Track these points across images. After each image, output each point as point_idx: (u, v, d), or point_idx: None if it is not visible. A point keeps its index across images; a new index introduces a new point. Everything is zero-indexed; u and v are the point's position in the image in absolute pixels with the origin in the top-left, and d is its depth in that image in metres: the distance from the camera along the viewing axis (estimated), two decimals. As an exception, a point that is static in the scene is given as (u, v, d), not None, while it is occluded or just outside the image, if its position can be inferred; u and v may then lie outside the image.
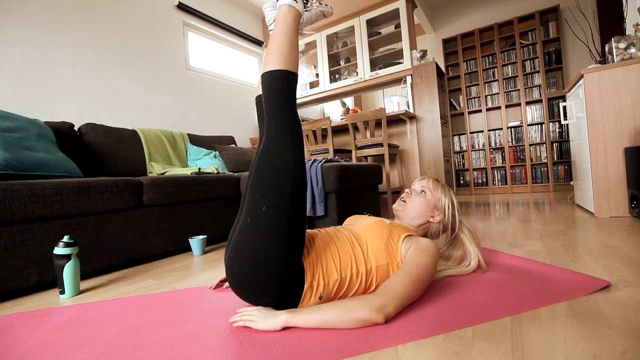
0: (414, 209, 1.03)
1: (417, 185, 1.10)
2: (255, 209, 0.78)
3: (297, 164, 0.81)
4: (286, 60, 0.86)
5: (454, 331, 0.70)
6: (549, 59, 3.81)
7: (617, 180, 1.88)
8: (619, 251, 1.21)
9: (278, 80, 0.84)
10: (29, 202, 1.20)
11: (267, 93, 0.85)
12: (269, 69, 0.85)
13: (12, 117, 1.54)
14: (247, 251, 0.76)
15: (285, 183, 0.78)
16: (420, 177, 1.13)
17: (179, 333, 0.78)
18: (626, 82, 1.84)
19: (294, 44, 0.90)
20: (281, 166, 0.79)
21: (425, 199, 1.04)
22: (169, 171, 2.16)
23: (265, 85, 0.86)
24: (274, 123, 0.83)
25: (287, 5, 0.93)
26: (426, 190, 1.06)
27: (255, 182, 0.81)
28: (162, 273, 1.42)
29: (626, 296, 0.81)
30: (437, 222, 1.05)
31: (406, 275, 0.80)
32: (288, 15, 0.92)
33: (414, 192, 1.07)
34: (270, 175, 0.79)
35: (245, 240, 0.77)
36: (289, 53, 0.87)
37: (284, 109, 0.83)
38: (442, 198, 1.05)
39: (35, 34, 2.16)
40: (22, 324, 0.93)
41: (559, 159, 3.81)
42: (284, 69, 0.85)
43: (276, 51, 0.86)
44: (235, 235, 0.81)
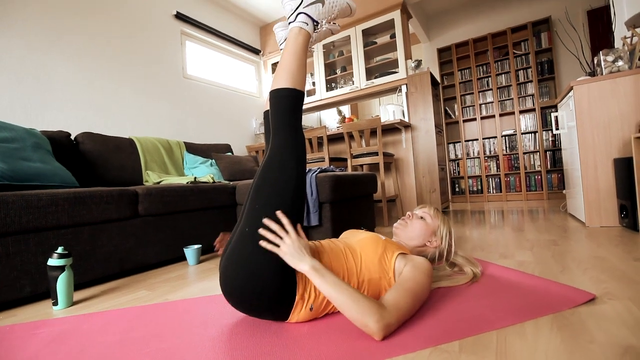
0: (414, 230, 1.06)
1: (418, 210, 1.13)
2: (254, 220, 0.80)
3: (299, 178, 0.84)
4: (294, 79, 0.89)
5: (441, 345, 0.71)
6: (541, 68, 3.88)
7: (607, 191, 1.91)
8: (607, 262, 1.23)
9: (286, 98, 0.88)
10: (24, 213, 1.21)
11: (274, 109, 0.89)
12: (278, 86, 0.89)
13: (9, 128, 1.55)
14: (242, 260, 0.78)
15: (285, 196, 0.81)
16: (422, 205, 1.16)
17: (171, 346, 0.79)
18: (614, 94, 1.89)
19: (303, 64, 0.94)
20: (283, 179, 0.82)
21: (425, 224, 1.07)
22: (164, 180, 2.17)
23: (273, 102, 0.89)
24: (279, 138, 0.86)
25: (297, 28, 0.97)
26: (426, 216, 1.09)
27: (256, 193, 0.84)
28: (156, 283, 1.42)
29: (610, 309, 0.83)
30: (433, 247, 1.08)
31: (410, 294, 0.80)
32: (299, 37, 0.95)
33: (415, 215, 1.10)
34: (271, 187, 0.82)
35: (241, 250, 0.79)
36: (298, 72, 0.91)
37: (290, 125, 0.87)
38: (441, 226, 1.08)
39: (33, 43, 2.18)
40: (16, 336, 0.93)
41: (552, 167, 3.86)
42: (292, 87, 0.89)
43: (285, 70, 0.90)
44: (232, 244, 0.82)
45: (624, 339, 0.68)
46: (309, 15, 0.98)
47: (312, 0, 0.99)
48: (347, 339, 0.75)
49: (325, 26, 1.05)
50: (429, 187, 3.09)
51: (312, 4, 0.99)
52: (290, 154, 0.84)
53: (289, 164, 0.83)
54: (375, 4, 3.42)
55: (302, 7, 0.99)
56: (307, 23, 0.97)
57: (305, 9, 0.98)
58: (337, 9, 1.03)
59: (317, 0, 0.99)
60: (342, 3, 1.04)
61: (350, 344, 0.73)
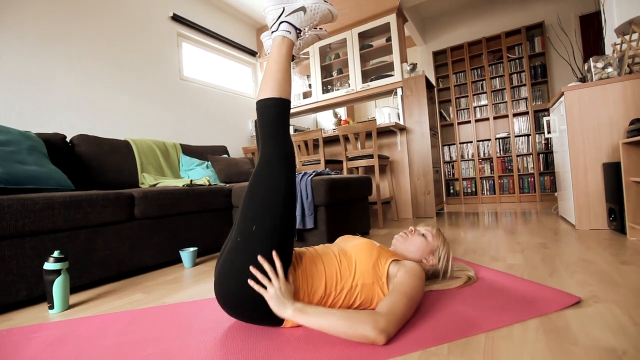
0: (413, 244, 1.07)
1: (421, 228, 1.14)
2: (245, 229, 0.81)
3: (288, 187, 0.85)
4: (280, 88, 0.91)
5: (430, 348, 0.73)
6: (534, 72, 3.94)
7: (596, 194, 1.96)
8: (594, 266, 1.27)
9: (272, 108, 0.89)
10: (20, 217, 1.22)
11: (262, 120, 0.90)
12: (264, 96, 0.90)
13: (4, 131, 1.55)
14: (235, 269, 0.79)
15: (275, 205, 0.82)
16: (426, 224, 1.18)
17: (167, 350, 0.80)
18: (604, 100, 1.93)
19: (287, 72, 0.95)
20: (273, 189, 0.83)
21: (426, 241, 1.08)
22: (160, 182, 2.18)
23: (261, 112, 0.90)
24: (268, 147, 0.87)
25: (280, 37, 0.97)
26: (428, 234, 1.10)
27: (247, 203, 0.85)
28: (152, 286, 1.43)
29: (594, 312, 0.86)
30: (429, 265, 1.08)
31: (405, 297, 0.82)
32: (282, 46, 0.96)
33: (417, 231, 1.11)
34: (262, 197, 0.83)
35: (234, 259, 0.80)
36: (283, 81, 0.92)
37: (278, 134, 0.88)
38: (441, 247, 1.09)
39: (29, 45, 2.17)
40: (12, 340, 0.94)
41: (545, 169, 3.92)
42: (278, 96, 0.90)
43: (271, 80, 0.91)
44: (226, 253, 0.84)
45: (605, 342, 0.71)
46: (291, 23, 0.98)
47: (293, 8, 1.00)
48: (339, 343, 0.77)
49: (309, 33, 1.06)
50: (423, 189, 3.12)
51: (293, 13, 0.99)
52: (279, 163, 0.85)
53: (278, 173, 0.84)
54: (371, 7, 3.45)
55: (283, 16, 0.99)
56: (289, 31, 0.98)
57: (287, 18, 0.99)
58: (319, 16, 1.04)
59: (298, 9, 1.00)
60: (323, 10, 1.04)
61: (343, 348, 0.75)
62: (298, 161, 3.07)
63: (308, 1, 1.02)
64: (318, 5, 1.02)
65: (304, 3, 1.01)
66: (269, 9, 1.01)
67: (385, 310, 0.77)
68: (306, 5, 1.01)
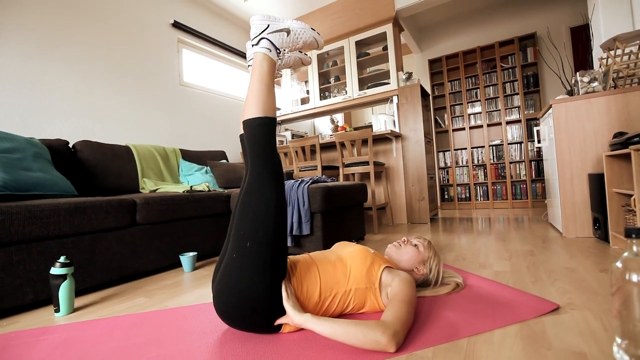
0: (405, 254, 1.13)
1: (413, 239, 1.20)
2: (240, 245, 0.86)
3: (278, 202, 0.89)
4: (264, 106, 0.93)
5: (417, 351, 0.79)
6: (527, 82, 4.04)
7: (582, 203, 2.03)
8: (575, 274, 1.33)
9: (258, 127, 0.92)
10: (27, 223, 1.26)
11: (249, 139, 0.93)
12: (249, 116, 0.93)
13: (10, 138, 1.60)
14: (233, 284, 0.84)
15: (267, 220, 0.86)
16: (418, 236, 1.25)
17: (170, 353, 0.85)
18: (589, 113, 2.01)
19: (270, 90, 0.97)
20: (264, 205, 0.87)
21: (417, 252, 1.14)
22: (160, 187, 2.23)
23: (247, 132, 0.93)
24: (257, 165, 0.91)
25: (262, 54, 0.99)
26: (419, 245, 1.16)
27: (239, 220, 0.89)
28: (153, 290, 1.48)
29: (570, 319, 0.93)
30: (420, 274, 1.15)
31: (406, 304, 0.86)
32: (264, 64, 0.98)
33: (409, 242, 1.17)
34: (253, 213, 0.87)
35: (231, 274, 0.85)
36: (267, 98, 0.95)
37: (265, 152, 0.91)
38: (432, 258, 1.15)
39: (31, 52, 2.22)
40: (21, 342, 0.98)
41: (536, 176, 4.01)
42: (263, 115, 0.93)
43: (254, 99, 0.94)
44: (222, 268, 0.89)
45: (577, 347, 0.78)
46: (271, 41, 1.00)
47: (278, 28, 1.02)
48: (331, 346, 0.83)
49: (290, 55, 1.09)
50: (418, 195, 3.19)
51: (276, 32, 1.02)
52: (268, 181, 0.89)
53: (268, 190, 0.88)
54: (368, 16, 3.53)
55: (266, 32, 1.01)
56: (269, 49, 1.00)
57: (269, 35, 1.01)
58: (302, 41, 1.06)
59: (282, 29, 1.02)
60: (308, 36, 1.06)
61: (333, 351, 0.80)
62: (295, 167, 3.13)
63: (295, 24, 1.05)
64: (304, 31, 1.05)
65: (290, 25, 1.04)
66: (255, 21, 1.03)
67: (391, 319, 0.80)
68: (291, 28, 1.04)
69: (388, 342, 0.74)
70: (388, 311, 0.84)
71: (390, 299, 0.90)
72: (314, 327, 0.82)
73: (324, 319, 0.82)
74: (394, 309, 0.84)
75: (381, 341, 0.74)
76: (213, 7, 3.75)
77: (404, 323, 0.81)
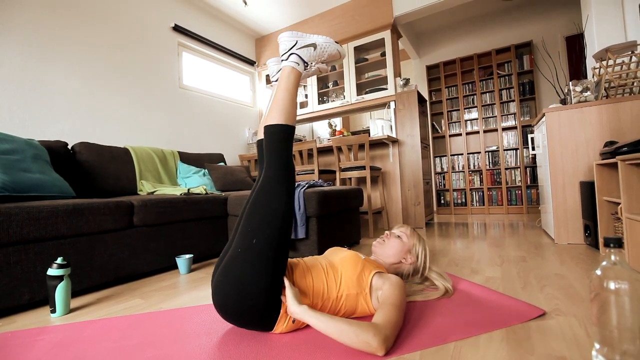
0: (390, 248, 1.17)
1: (396, 230, 1.24)
2: (246, 241, 0.90)
3: (288, 205, 0.94)
4: (287, 115, 1.00)
5: (404, 355, 0.82)
6: (523, 89, 4.09)
7: (574, 210, 2.07)
8: (564, 280, 1.36)
9: (279, 133, 0.98)
10: (25, 225, 1.28)
11: (268, 144, 0.99)
12: (272, 122, 0.99)
13: (10, 140, 1.62)
14: (234, 278, 0.87)
15: (275, 220, 0.91)
16: (400, 225, 1.27)
17: (166, 354, 0.87)
18: (581, 122, 2.05)
19: (294, 100, 1.04)
20: (274, 205, 0.92)
21: (402, 242, 1.18)
22: (158, 190, 2.25)
23: (267, 137, 0.99)
24: (273, 168, 0.96)
25: (290, 67, 1.07)
26: (403, 235, 1.20)
27: (249, 216, 0.93)
28: (149, 292, 1.49)
29: (555, 324, 0.95)
30: (408, 263, 1.18)
31: (396, 308, 0.89)
32: (291, 76, 1.06)
33: (392, 234, 1.21)
34: (263, 212, 0.92)
35: (234, 268, 0.88)
36: (290, 108, 1.02)
37: (283, 156, 0.97)
38: (417, 244, 1.19)
39: (31, 52, 2.24)
40: (17, 342, 1.00)
41: (531, 182, 4.05)
42: (284, 123, 0.99)
43: (279, 107, 1.01)
44: (225, 262, 0.92)
45: (559, 351, 0.80)
46: (300, 56, 1.09)
47: (305, 43, 1.10)
48: (322, 348, 0.85)
49: (315, 66, 1.16)
50: (413, 200, 3.22)
51: (305, 47, 1.10)
52: (280, 185, 0.94)
53: (279, 194, 0.93)
54: (367, 23, 3.58)
55: (295, 48, 1.10)
56: (298, 63, 1.08)
57: (298, 51, 1.09)
58: (327, 54, 1.14)
59: (310, 44, 1.10)
60: (332, 49, 1.14)
61: (323, 353, 0.83)
62: (293, 170, 3.15)
63: (320, 39, 1.13)
64: (328, 45, 1.13)
65: (316, 40, 1.12)
66: (284, 38, 1.12)
67: (383, 323, 0.82)
68: (317, 43, 1.12)
69: (378, 345, 0.77)
70: (379, 314, 0.86)
71: (381, 302, 0.92)
72: (309, 319, 0.84)
73: (320, 313, 0.84)
74: (385, 312, 0.86)
75: (372, 344, 0.77)
76: (213, 11, 3.79)
77: (394, 327, 0.84)
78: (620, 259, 0.69)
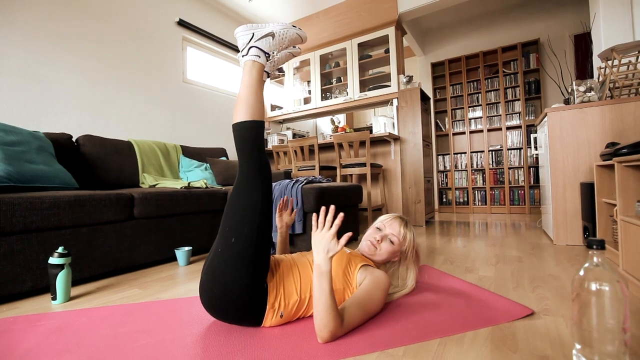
0: (383, 254, 1.16)
1: (388, 231, 1.18)
2: (225, 240, 0.91)
3: (264, 200, 0.94)
4: (253, 111, 0.99)
5: (388, 350, 0.83)
6: (528, 88, 4.04)
7: (573, 212, 2.06)
8: (557, 281, 1.36)
9: (247, 130, 0.97)
10: (28, 215, 1.32)
11: (238, 141, 0.98)
12: (239, 120, 0.98)
13: (16, 131, 1.65)
14: (217, 276, 0.89)
15: (253, 218, 0.91)
16: (392, 219, 1.21)
17: (159, 341, 0.90)
18: (583, 122, 2.03)
19: (259, 95, 1.02)
20: (250, 203, 0.92)
21: (393, 248, 1.16)
22: (160, 183, 2.28)
23: (236, 135, 0.99)
24: (245, 165, 0.96)
25: (251, 61, 1.05)
26: (395, 240, 1.16)
27: (226, 216, 0.94)
28: (147, 282, 1.53)
29: (541, 324, 0.96)
30: (397, 259, 1.20)
31: (360, 307, 0.92)
32: (253, 71, 1.04)
33: (384, 239, 1.16)
34: (240, 210, 0.92)
35: (216, 267, 0.90)
36: (255, 103, 1.00)
37: (253, 153, 0.96)
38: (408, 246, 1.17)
39: (36, 47, 2.28)
40: (19, 327, 1.04)
41: (534, 183, 4.02)
42: (251, 119, 0.98)
43: (244, 103, 0.99)
44: (208, 261, 0.94)
45: (542, 351, 0.81)
46: (260, 48, 1.05)
47: (262, 34, 1.07)
48: (308, 340, 0.87)
49: (279, 55, 1.14)
50: (414, 197, 3.22)
51: (262, 38, 1.06)
52: (254, 182, 0.94)
53: (254, 189, 0.93)
54: (371, 19, 3.56)
55: (253, 41, 1.06)
56: (259, 56, 1.05)
57: (256, 43, 1.06)
58: (287, 40, 1.10)
59: (267, 34, 1.07)
60: (291, 34, 1.10)
61: (308, 345, 0.85)
62: (294, 166, 3.17)
63: (277, 27, 1.09)
64: (286, 31, 1.09)
65: (272, 29, 1.08)
66: (240, 33, 1.08)
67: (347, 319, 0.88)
68: (275, 31, 1.08)
69: (328, 336, 0.84)
70: (350, 306, 0.91)
71: (354, 294, 0.96)
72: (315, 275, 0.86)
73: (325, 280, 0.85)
74: (349, 308, 0.90)
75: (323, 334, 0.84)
76: (218, 6, 3.79)
77: (351, 327, 0.89)
78: (603, 260, 0.70)
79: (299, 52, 1.24)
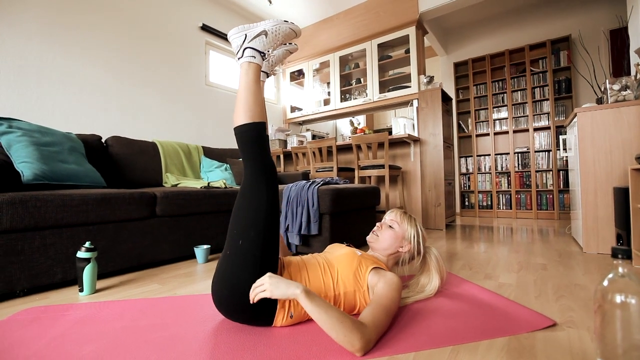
0: (385, 241, 1.16)
1: (387, 218, 1.22)
2: (233, 243, 0.92)
3: (270, 202, 0.94)
4: (253, 112, 0.98)
5: (398, 355, 0.82)
6: (558, 87, 3.84)
7: (605, 218, 1.93)
8: (584, 291, 1.29)
9: (248, 132, 0.97)
10: (59, 211, 1.41)
11: (240, 144, 0.98)
12: (239, 123, 0.98)
13: (50, 133, 1.77)
14: (226, 278, 0.91)
15: (259, 221, 0.92)
16: (390, 210, 1.24)
17: (173, 334, 0.94)
18: (617, 123, 1.91)
19: (258, 96, 1.01)
20: (256, 206, 0.93)
21: (394, 232, 1.16)
22: (181, 183, 2.36)
23: (238, 138, 0.99)
24: (249, 168, 0.97)
25: (247, 63, 1.04)
26: (394, 224, 1.18)
27: (234, 219, 0.95)
28: (166, 278, 1.59)
29: (564, 336, 0.91)
30: (406, 251, 1.17)
31: (384, 309, 0.89)
32: (249, 71, 1.03)
33: (384, 225, 1.19)
34: (246, 214, 0.93)
35: (225, 269, 0.92)
36: (254, 105, 0.99)
37: (256, 155, 0.96)
38: (409, 229, 1.17)
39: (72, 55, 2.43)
40: (48, 316, 1.11)
41: (564, 187, 3.81)
42: (252, 121, 0.97)
43: (243, 106, 0.99)
44: (218, 264, 0.96)
45: (562, 364, 0.77)
46: (254, 48, 1.04)
47: (255, 34, 1.05)
48: (318, 343, 0.87)
49: (275, 52, 1.12)
50: (434, 201, 3.14)
51: (255, 38, 1.05)
52: (259, 184, 0.94)
53: (259, 192, 0.93)
54: (391, 19, 3.52)
55: (246, 42, 1.04)
56: (254, 56, 1.04)
57: (250, 44, 1.04)
58: (281, 36, 1.08)
59: (260, 34, 1.04)
60: (284, 30, 1.08)
61: (317, 345, 0.85)
62: (312, 168, 3.19)
63: (268, 24, 1.07)
64: (278, 27, 1.07)
65: (264, 27, 1.06)
66: (233, 36, 1.07)
67: (370, 325, 0.82)
68: (267, 29, 1.06)
69: (361, 348, 0.78)
70: (367, 314, 0.86)
71: (372, 301, 0.93)
72: (304, 304, 0.81)
73: (317, 300, 0.82)
74: (374, 313, 0.87)
75: (355, 345, 0.77)
76: (240, 10, 3.89)
77: (379, 331, 0.85)
78: (629, 271, 0.65)
79: (295, 48, 1.22)
